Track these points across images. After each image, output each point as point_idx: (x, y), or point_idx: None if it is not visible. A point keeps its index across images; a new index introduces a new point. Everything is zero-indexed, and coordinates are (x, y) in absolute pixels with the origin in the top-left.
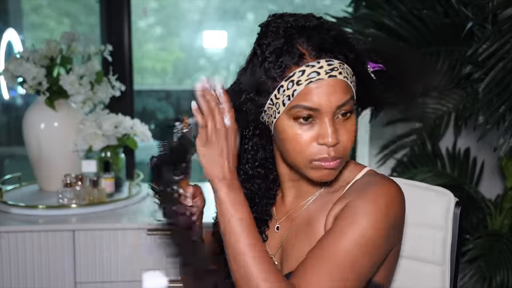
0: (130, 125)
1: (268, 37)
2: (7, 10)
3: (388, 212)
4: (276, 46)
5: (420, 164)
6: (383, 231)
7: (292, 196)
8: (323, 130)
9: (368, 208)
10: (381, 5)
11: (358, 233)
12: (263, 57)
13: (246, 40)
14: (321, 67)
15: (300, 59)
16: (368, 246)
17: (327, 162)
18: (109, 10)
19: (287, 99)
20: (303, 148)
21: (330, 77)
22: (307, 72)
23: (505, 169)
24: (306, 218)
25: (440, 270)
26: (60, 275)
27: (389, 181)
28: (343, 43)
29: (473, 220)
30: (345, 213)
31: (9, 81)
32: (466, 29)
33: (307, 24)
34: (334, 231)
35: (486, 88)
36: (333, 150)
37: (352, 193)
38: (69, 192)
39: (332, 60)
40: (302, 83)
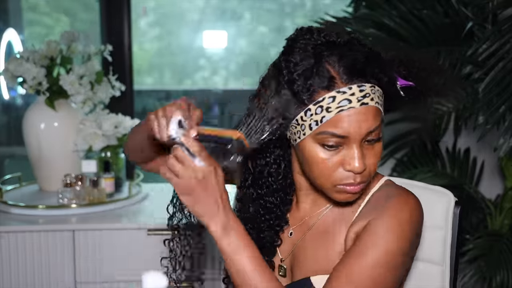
0: (130, 125)
1: (295, 53)
2: (7, 9)
3: (409, 227)
4: (304, 67)
5: (420, 164)
6: (405, 247)
7: (308, 203)
8: (350, 157)
9: (389, 226)
10: (381, 5)
11: (381, 252)
12: (291, 78)
13: (246, 40)
14: (353, 94)
15: (330, 83)
16: (391, 263)
17: (353, 186)
18: (109, 10)
19: (315, 124)
20: (330, 173)
21: (362, 104)
22: (338, 99)
23: (505, 169)
24: (323, 228)
25: (440, 270)
26: (60, 275)
27: (407, 193)
28: (375, 62)
29: (473, 220)
30: (367, 232)
31: (9, 81)
32: (466, 29)
33: (338, 40)
34: (357, 250)
35: (486, 88)
36: (359, 176)
37: (372, 208)
38: (69, 192)
39: (364, 84)
40: (332, 110)
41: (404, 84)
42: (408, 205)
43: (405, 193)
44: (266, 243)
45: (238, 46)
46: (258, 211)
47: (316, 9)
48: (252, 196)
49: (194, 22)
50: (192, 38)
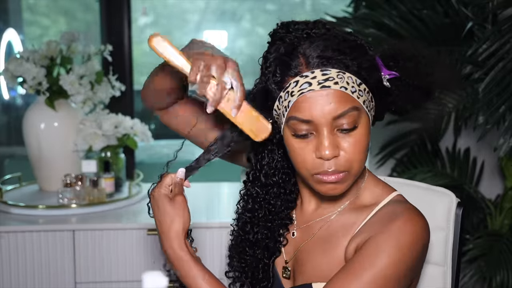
0: (130, 125)
1: (275, 45)
2: (7, 9)
3: (411, 252)
4: (277, 56)
5: (420, 164)
6: (404, 270)
7: (313, 205)
8: (319, 143)
9: (390, 247)
10: (381, 5)
11: (378, 272)
12: (266, 67)
13: (245, 40)
14: (314, 77)
15: (296, 70)
16: (389, 284)
17: (328, 176)
18: (109, 9)
19: (285, 110)
20: (303, 161)
21: (323, 87)
22: (300, 82)
23: (505, 169)
24: (327, 234)
25: (442, 271)
26: (60, 275)
27: (415, 214)
28: (349, 50)
29: (473, 220)
30: (367, 248)
31: (9, 81)
32: (466, 29)
33: (313, 31)
34: (354, 266)
35: (486, 88)
36: (333, 163)
37: (377, 224)
38: (69, 192)
39: (328, 69)
40: (295, 94)
41: (389, 74)
42: (413, 227)
43: (413, 213)
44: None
45: (238, 46)
46: (261, 205)
47: (316, 9)
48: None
49: (194, 23)
50: (191, 38)
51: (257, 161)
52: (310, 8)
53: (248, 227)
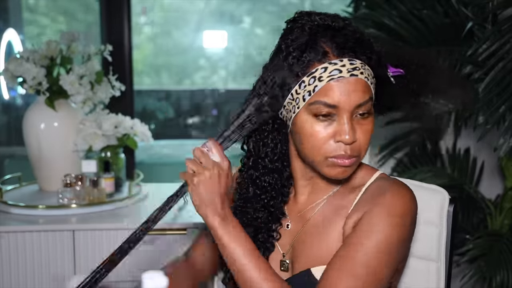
0: (130, 125)
1: (294, 33)
2: (7, 9)
3: (404, 221)
4: (300, 42)
5: (420, 164)
6: (400, 240)
7: (305, 195)
8: (341, 128)
9: (385, 219)
10: (381, 5)
11: (376, 245)
12: (287, 52)
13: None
14: (344, 65)
15: (324, 56)
16: (386, 256)
17: (343, 159)
18: (109, 10)
19: (308, 95)
20: (320, 144)
21: (351, 75)
22: (330, 69)
23: (505, 169)
24: (321, 219)
25: (435, 267)
26: (60, 275)
27: (403, 186)
28: (366, 45)
29: (473, 220)
30: (362, 224)
31: (9, 81)
32: (466, 29)
33: (333, 24)
34: (352, 242)
35: (486, 88)
36: (349, 148)
37: (368, 200)
38: (69, 192)
39: (354, 59)
40: (323, 79)
41: (394, 72)
42: (402, 198)
43: (400, 186)
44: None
45: (237, 47)
46: (256, 193)
47: (316, 10)
48: (251, 178)
49: (194, 23)
50: (192, 38)
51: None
52: (309, 8)
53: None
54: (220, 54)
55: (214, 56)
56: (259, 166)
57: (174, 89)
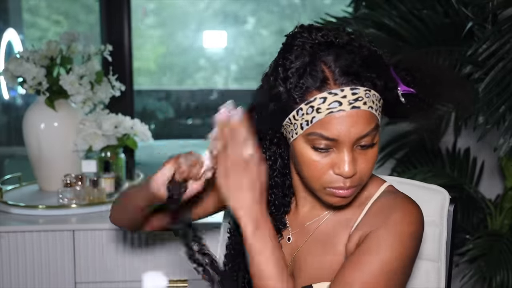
0: (130, 125)
1: (293, 51)
2: (7, 9)
3: (412, 242)
4: (299, 65)
5: (420, 164)
6: (407, 261)
7: (307, 207)
8: (340, 160)
9: (392, 240)
10: (381, 5)
11: (382, 266)
12: (285, 75)
13: (247, 42)
14: (344, 97)
15: (323, 84)
16: (392, 278)
17: (342, 190)
18: (109, 10)
19: (306, 124)
20: (319, 175)
21: (353, 108)
22: (329, 100)
23: (505, 169)
24: (324, 234)
25: (436, 267)
26: (60, 275)
27: (411, 204)
28: (373, 66)
29: (473, 220)
30: (368, 244)
31: (9, 81)
32: (466, 29)
33: (337, 40)
34: (357, 262)
35: (486, 88)
36: (349, 180)
37: (374, 217)
38: (69, 192)
39: (357, 87)
40: (322, 111)
41: (405, 91)
42: (411, 218)
43: (408, 203)
44: None
45: (239, 48)
46: None
47: (316, 10)
48: None
49: (195, 23)
50: (192, 38)
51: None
52: (310, 8)
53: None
54: (220, 54)
55: (214, 56)
56: None
57: (174, 89)
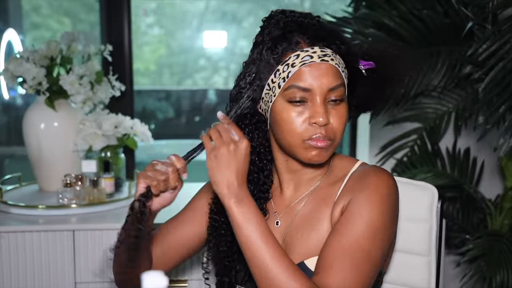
0: (130, 125)
1: (270, 27)
2: (7, 9)
3: (390, 201)
4: (275, 34)
5: (420, 164)
6: (388, 219)
7: (291, 190)
8: (315, 110)
9: (371, 202)
10: (381, 5)
11: (367, 226)
12: (263, 45)
13: (246, 41)
14: (315, 52)
15: (296, 45)
16: (378, 236)
17: (318, 141)
18: (109, 10)
19: (282, 81)
20: (297, 129)
21: (322, 61)
22: (302, 55)
23: (505, 169)
24: (309, 211)
25: (426, 261)
26: (60, 275)
27: (383, 170)
28: (337, 37)
29: (473, 220)
30: (350, 209)
31: (9, 81)
32: (466, 29)
33: (306, 20)
34: (342, 227)
35: (486, 88)
36: (324, 129)
37: (352, 186)
38: (69, 192)
39: (325, 48)
40: (296, 65)
41: (365, 65)
42: (385, 180)
43: (381, 170)
44: None
45: (239, 47)
46: None
47: (316, 10)
48: None
49: (195, 23)
50: (192, 38)
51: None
52: (309, 8)
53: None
54: (220, 54)
55: (214, 56)
56: None
57: (175, 89)
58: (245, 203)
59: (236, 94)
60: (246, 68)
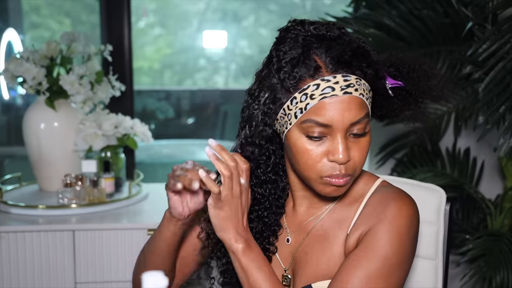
0: (130, 125)
1: (286, 44)
2: (7, 9)
3: (409, 234)
4: (292, 55)
5: (420, 164)
6: (407, 254)
7: (304, 207)
8: (334, 147)
9: (390, 235)
10: (381, 5)
11: (382, 262)
12: (279, 66)
13: (247, 41)
14: (337, 82)
15: (316, 72)
16: (393, 275)
17: (337, 179)
18: (109, 10)
19: (299, 112)
20: (314, 163)
21: (345, 93)
22: (322, 86)
23: (505, 169)
24: (322, 232)
25: (433, 264)
26: (60, 275)
27: (404, 197)
28: (363, 57)
29: (473, 220)
30: (367, 241)
31: (9, 81)
32: (466, 29)
33: (328, 34)
34: (357, 259)
35: (486, 88)
36: (343, 167)
37: (370, 214)
38: (69, 192)
39: (349, 75)
40: (315, 97)
41: (393, 84)
42: (407, 210)
43: (403, 196)
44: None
45: (240, 47)
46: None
47: (316, 10)
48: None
49: (195, 23)
50: (192, 38)
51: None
52: (310, 8)
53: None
54: (220, 54)
55: (214, 56)
56: (252, 177)
57: (175, 89)
58: (253, 248)
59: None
60: (259, 84)
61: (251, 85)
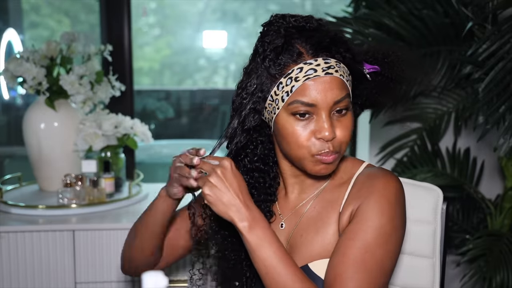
0: (130, 125)
1: (270, 35)
2: (7, 9)
3: (398, 205)
4: (276, 44)
5: (420, 164)
6: (399, 220)
7: (296, 193)
8: (320, 125)
9: (380, 206)
10: (381, 5)
11: (377, 232)
12: (264, 55)
13: (246, 41)
14: (318, 65)
15: (299, 57)
16: (389, 242)
17: (327, 156)
18: (109, 10)
19: (286, 95)
20: (303, 142)
21: (326, 74)
22: (305, 69)
23: (505, 169)
24: (315, 213)
25: (430, 263)
26: (60, 275)
27: (390, 173)
28: (341, 43)
29: (473, 220)
30: (359, 215)
31: (9, 81)
32: (466, 29)
33: (307, 25)
34: (353, 233)
35: (486, 88)
36: (331, 144)
37: (359, 191)
38: (69, 192)
39: (329, 58)
40: (300, 79)
41: (370, 68)
42: (393, 182)
43: (388, 172)
44: None
45: (239, 47)
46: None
47: (316, 9)
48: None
49: (195, 23)
50: (192, 38)
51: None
52: (310, 8)
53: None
54: (220, 54)
55: (214, 56)
56: (240, 165)
57: (174, 89)
58: (259, 225)
59: (238, 104)
60: (247, 76)
61: (239, 79)
